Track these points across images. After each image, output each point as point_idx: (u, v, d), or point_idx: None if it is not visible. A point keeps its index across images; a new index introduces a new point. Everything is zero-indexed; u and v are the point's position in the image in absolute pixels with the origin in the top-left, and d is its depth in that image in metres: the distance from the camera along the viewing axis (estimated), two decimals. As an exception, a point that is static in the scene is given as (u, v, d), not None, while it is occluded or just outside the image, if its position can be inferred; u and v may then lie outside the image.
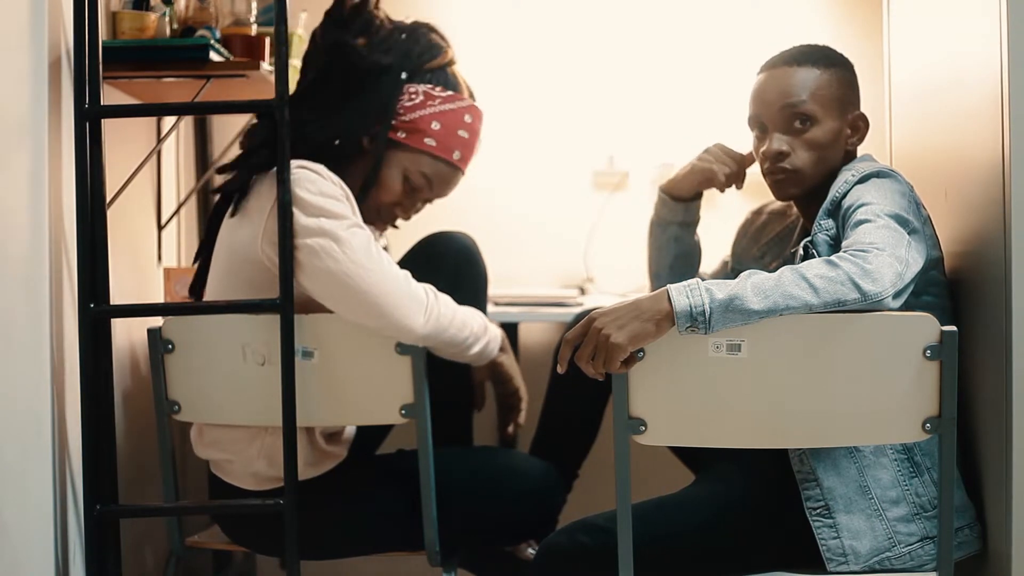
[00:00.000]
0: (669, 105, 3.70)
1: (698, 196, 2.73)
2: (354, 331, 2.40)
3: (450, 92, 2.58)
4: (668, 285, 2.08)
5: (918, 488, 2.25)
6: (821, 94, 2.40)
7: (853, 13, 3.63)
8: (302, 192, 2.36)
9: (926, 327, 2.09)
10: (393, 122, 2.53)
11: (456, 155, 2.58)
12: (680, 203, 2.70)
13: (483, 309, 2.68)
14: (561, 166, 3.75)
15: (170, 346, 2.44)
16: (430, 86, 2.57)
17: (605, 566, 2.21)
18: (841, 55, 2.47)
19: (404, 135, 2.54)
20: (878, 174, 2.28)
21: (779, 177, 2.42)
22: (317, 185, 2.38)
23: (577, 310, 3.21)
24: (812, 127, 2.40)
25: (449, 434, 2.66)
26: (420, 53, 2.57)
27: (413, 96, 2.55)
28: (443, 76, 2.59)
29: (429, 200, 2.64)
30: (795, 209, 2.59)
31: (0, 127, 2.19)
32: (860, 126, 2.46)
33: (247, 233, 2.42)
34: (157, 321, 2.48)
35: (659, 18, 3.70)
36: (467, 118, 2.59)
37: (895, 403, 2.12)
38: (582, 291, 3.64)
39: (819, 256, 2.23)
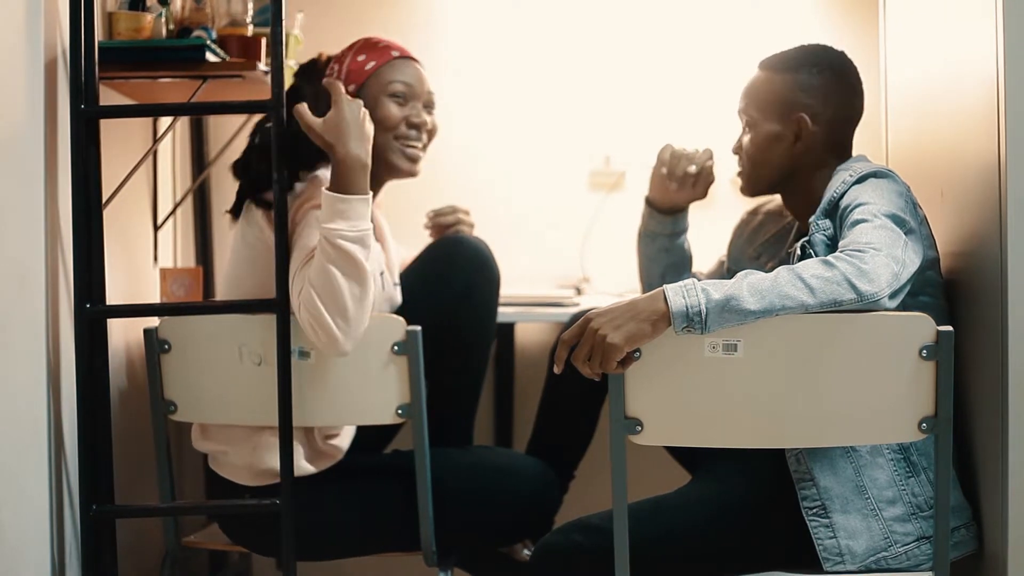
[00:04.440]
0: (666, 105, 3.70)
1: (685, 207, 2.76)
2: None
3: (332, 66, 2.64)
4: (664, 285, 2.08)
5: (914, 488, 2.25)
6: (799, 94, 2.45)
7: (849, 14, 3.63)
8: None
9: (922, 327, 2.09)
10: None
11: (395, 53, 2.62)
12: (667, 215, 2.70)
13: (494, 314, 2.68)
14: (557, 166, 3.75)
15: (166, 346, 2.44)
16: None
17: (601, 566, 2.21)
18: (820, 57, 2.48)
19: (352, 87, 2.58)
20: (875, 174, 2.29)
21: (751, 174, 2.52)
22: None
23: (573, 310, 3.21)
24: (790, 125, 2.45)
25: (449, 436, 2.66)
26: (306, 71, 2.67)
27: (332, 71, 2.61)
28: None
29: (428, 109, 2.65)
30: None
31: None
32: (843, 124, 2.48)
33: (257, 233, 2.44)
34: (153, 321, 2.48)
35: (656, 18, 3.70)
36: (372, 39, 2.65)
37: (891, 403, 2.12)
38: (578, 291, 3.64)
39: (816, 256, 2.24)
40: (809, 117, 2.43)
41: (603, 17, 3.71)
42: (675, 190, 2.71)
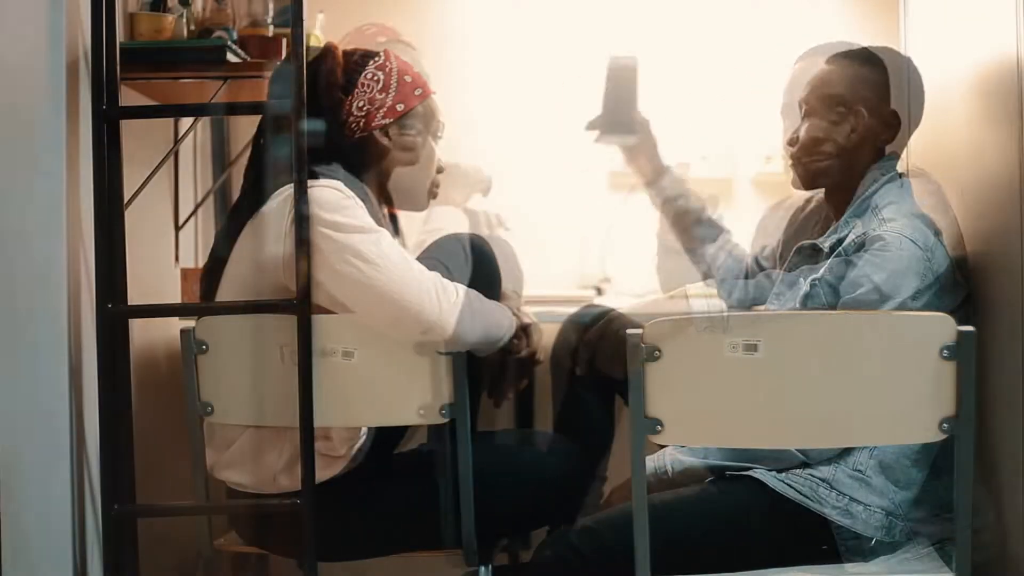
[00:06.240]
0: (684, 106, 3.69)
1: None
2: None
3: (369, 65, 2.56)
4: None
5: (938, 489, 2.25)
6: (859, 88, 2.44)
7: (869, 14, 3.62)
8: (322, 213, 2.37)
9: (943, 327, 2.08)
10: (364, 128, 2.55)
11: (418, 92, 2.57)
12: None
13: None
14: (577, 166, 3.75)
15: (204, 347, 2.42)
16: (360, 82, 2.55)
17: (601, 570, 2.22)
18: (876, 56, 2.49)
19: (388, 120, 2.54)
20: (906, 174, 2.33)
21: (812, 166, 2.46)
22: (331, 203, 2.39)
23: (595, 311, 3.20)
24: (850, 117, 2.42)
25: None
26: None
27: (360, 109, 2.54)
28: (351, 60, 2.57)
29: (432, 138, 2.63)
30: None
31: (19, 129, 2.20)
32: (892, 123, 2.48)
33: (267, 255, 2.43)
34: (186, 322, 2.47)
35: (678, 16, 3.70)
36: (401, 70, 2.57)
37: (912, 403, 2.11)
38: (599, 291, 3.64)
39: (823, 296, 2.30)
40: (866, 111, 2.44)
41: (623, 17, 3.71)
42: None
